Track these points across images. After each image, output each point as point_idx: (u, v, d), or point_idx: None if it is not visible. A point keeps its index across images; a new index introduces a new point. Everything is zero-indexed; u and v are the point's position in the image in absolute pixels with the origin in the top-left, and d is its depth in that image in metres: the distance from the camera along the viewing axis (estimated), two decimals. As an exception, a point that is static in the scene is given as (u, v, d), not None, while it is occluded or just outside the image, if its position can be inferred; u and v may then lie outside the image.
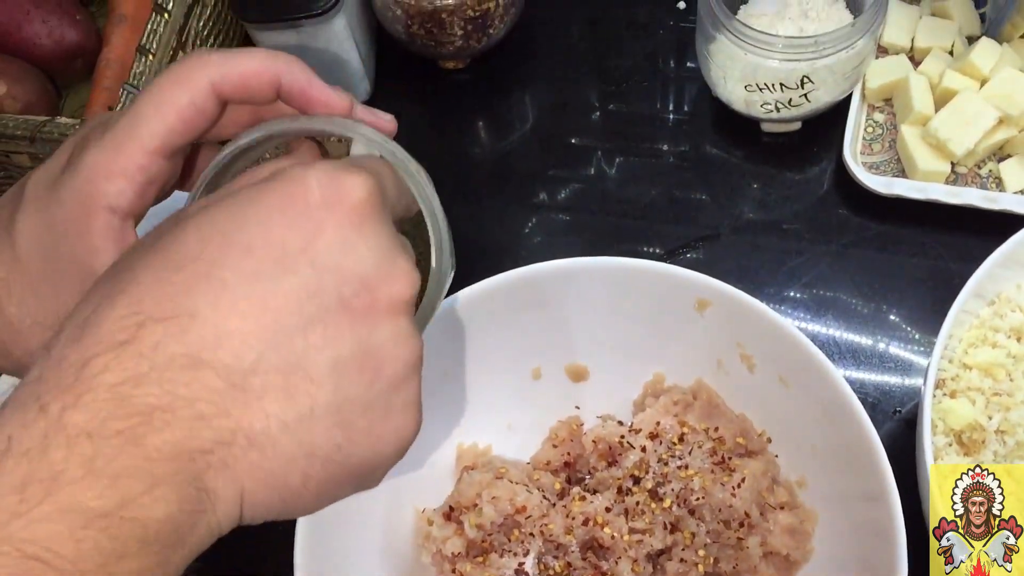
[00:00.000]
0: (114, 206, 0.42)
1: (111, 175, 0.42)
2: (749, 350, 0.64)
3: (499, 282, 0.65)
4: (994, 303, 0.64)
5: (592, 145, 0.89)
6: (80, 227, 0.42)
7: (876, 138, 0.80)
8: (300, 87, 0.44)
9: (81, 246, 0.42)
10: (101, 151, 0.42)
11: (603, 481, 0.64)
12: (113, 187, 0.42)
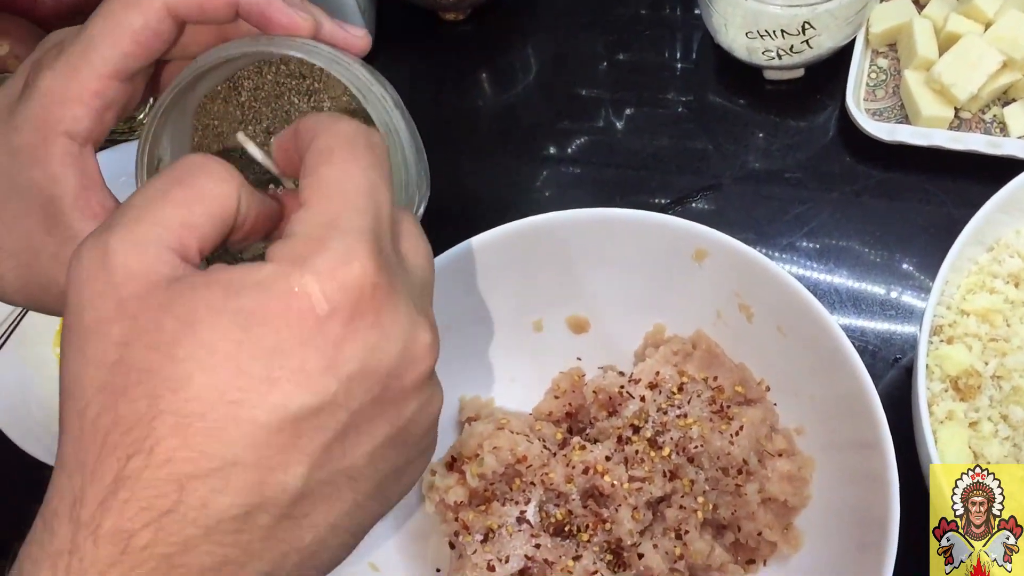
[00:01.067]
0: (71, 132, 0.42)
1: (66, 101, 0.42)
2: (747, 300, 0.64)
3: (499, 235, 0.65)
4: (993, 249, 0.64)
5: (598, 96, 0.89)
6: (38, 154, 0.42)
7: (880, 84, 0.80)
8: (259, 7, 0.43)
9: (40, 173, 0.42)
10: (55, 76, 0.42)
11: (603, 431, 0.65)
12: (69, 113, 0.42)
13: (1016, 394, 0.57)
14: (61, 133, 0.42)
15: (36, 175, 0.42)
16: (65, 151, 0.42)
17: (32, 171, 0.42)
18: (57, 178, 0.42)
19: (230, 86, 0.48)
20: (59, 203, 0.43)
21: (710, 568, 0.62)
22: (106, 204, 0.44)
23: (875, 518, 0.55)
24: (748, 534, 0.62)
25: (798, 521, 0.63)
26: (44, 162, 0.42)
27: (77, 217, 0.43)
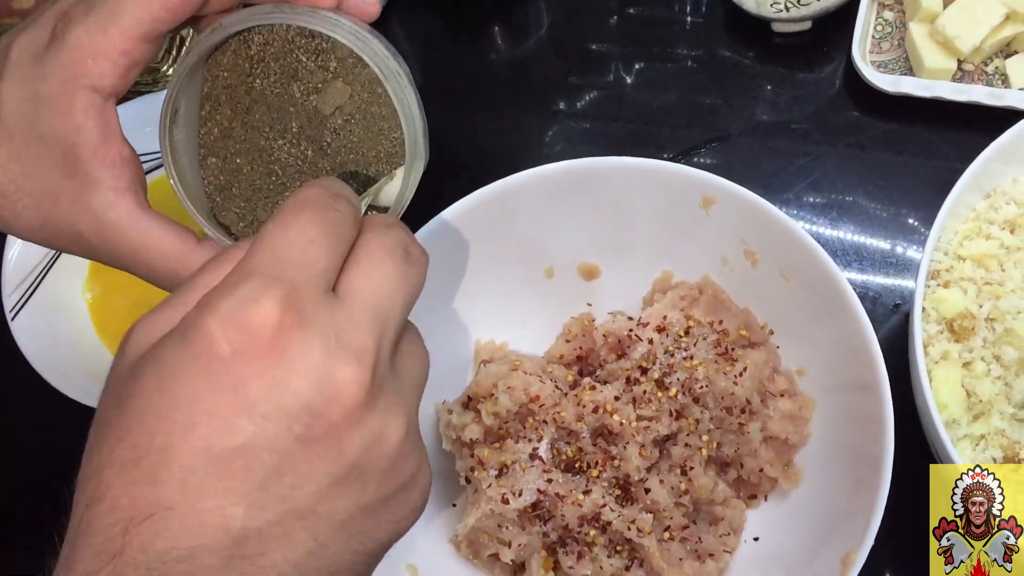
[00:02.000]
0: (97, 86, 0.45)
1: (95, 56, 0.44)
2: (752, 246, 0.67)
3: (511, 184, 0.67)
4: (990, 196, 0.66)
5: (608, 50, 0.90)
6: (63, 104, 0.44)
7: (885, 36, 0.81)
8: None
9: (64, 122, 0.45)
10: (86, 31, 0.44)
11: (613, 372, 0.67)
12: (97, 68, 0.44)
13: (1009, 335, 0.60)
14: (87, 86, 0.44)
15: (59, 124, 0.45)
16: (89, 103, 0.45)
17: (55, 120, 0.45)
18: (80, 128, 0.45)
19: (240, 39, 0.50)
20: (80, 151, 0.45)
21: (713, 503, 0.65)
22: (124, 154, 0.47)
23: (871, 455, 0.58)
24: (750, 470, 0.65)
25: (798, 458, 0.66)
26: (68, 112, 0.45)
27: (96, 165, 0.46)
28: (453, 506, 0.69)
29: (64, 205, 0.46)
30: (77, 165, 0.45)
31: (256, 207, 0.52)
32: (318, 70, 0.49)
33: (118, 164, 0.46)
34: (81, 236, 0.47)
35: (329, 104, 0.50)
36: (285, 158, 0.51)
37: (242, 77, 0.50)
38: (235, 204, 0.52)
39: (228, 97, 0.50)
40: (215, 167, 0.52)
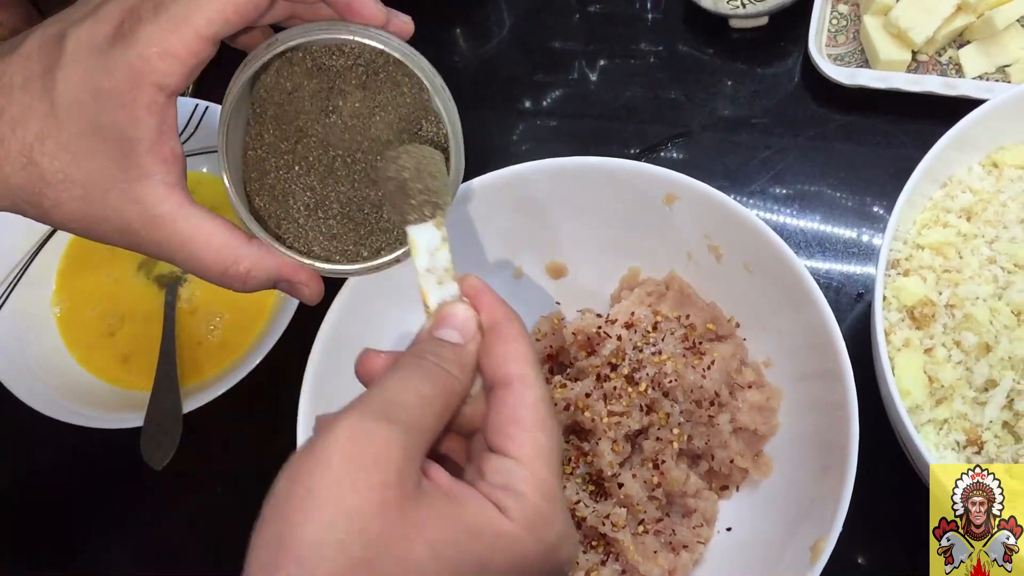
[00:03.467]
0: (163, 84, 0.46)
1: (166, 55, 0.45)
2: (716, 241, 0.68)
3: (476, 186, 0.68)
4: (946, 185, 0.67)
5: (572, 48, 0.91)
6: (126, 98, 0.45)
7: (841, 30, 0.82)
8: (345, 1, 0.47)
9: (124, 116, 0.46)
10: (158, 29, 0.45)
11: (583, 369, 0.68)
12: (165, 66, 0.45)
13: (968, 321, 0.61)
14: (152, 83, 0.45)
15: (119, 116, 0.46)
16: (152, 99, 0.46)
17: (116, 112, 0.46)
18: (140, 123, 0.46)
19: (284, 59, 0.51)
20: (136, 145, 0.46)
21: (686, 495, 0.65)
22: (176, 150, 0.48)
23: (837, 443, 0.59)
24: (721, 462, 0.66)
25: (767, 448, 0.67)
26: (130, 106, 0.45)
27: (151, 160, 0.47)
28: (429, 507, 0.69)
29: (113, 196, 0.47)
30: (131, 158, 0.46)
31: (289, 205, 0.53)
32: (352, 80, 0.51)
33: (170, 160, 0.47)
34: (128, 227, 0.48)
35: (375, 127, 0.51)
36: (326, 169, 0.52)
37: (284, 95, 0.51)
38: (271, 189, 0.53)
39: (274, 114, 0.51)
40: (254, 161, 0.53)
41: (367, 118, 0.51)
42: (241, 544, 0.77)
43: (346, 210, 0.53)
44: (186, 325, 0.78)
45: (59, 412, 0.72)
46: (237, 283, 0.50)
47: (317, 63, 0.51)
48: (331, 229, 0.53)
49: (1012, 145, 0.68)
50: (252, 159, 0.52)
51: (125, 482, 0.77)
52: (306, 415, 0.62)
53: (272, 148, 0.52)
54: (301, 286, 0.53)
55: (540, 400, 0.41)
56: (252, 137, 0.52)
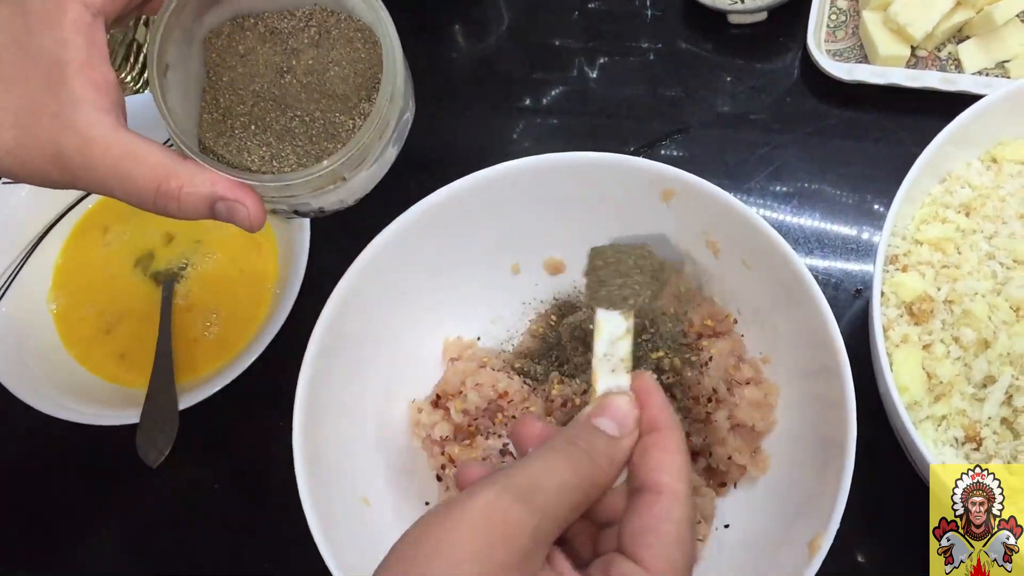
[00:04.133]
0: (87, 1, 0.45)
1: None
2: (714, 236, 0.67)
3: (475, 181, 0.67)
4: (945, 180, 0.67)
5: (571, 46, 0.91)
6: (52, 18, 0.45)
7: (840, 25, 0.82)
8: None
9: (51, 37, 0.45)
10: None
11: (579, 366, 0.68)
12: None
13: (966, 317, 0.61)
14: (77, 1, 0.45)
15: (46, 38, 0.45)
16: (78, 17, 0.45)
17: (43, 34, 0.45)
18: (67, 42, 0.45)
19: (234, 24, 0.52)
20: (65, 67, 0.45)
21: (684, 492, 0.65)
22: (108, 77, 0.47)
23: (835, 440, 0.58)
24: (719, 459, 0.66)
25: (765, 445, 0.66)
26: (56, 26, 0.45)
27: (81, 83, 0.46)
28: (426, 504, 0.69)
29: (45, 122, 0.46)
30: (62, 82, 0.45)
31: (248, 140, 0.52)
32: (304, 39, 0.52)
33: (102, 86, 0.46)
34: (61, 154, 0.46)
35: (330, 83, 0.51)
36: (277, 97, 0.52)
37: (237, 59, 0.51)
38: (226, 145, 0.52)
39: (229, 80, 0.52)
40: (210, 124, 0.52)
41: (321, 74, 0.51)
42: (238, 542, 0.77)
43: (303, 161, 0.51)
44: (182, 322, 0.78)
45: (55, 409, 0.72)
46: (172, 203, 0.48)
47: (269, 27, 0.51)
48: (282, 171, 0.51)
49: (1011, 140, 0.67)
50: (207, 122, 0.52)
51: (121, 479, 0.76)
52: (302, 413, 0.62)
53: (228, 111, 0.52)
54: (239, 206, 0.49)
55: (685, 519, 0.41)
56: (207, 102, 0.52)
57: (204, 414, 0.72)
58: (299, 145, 0.52)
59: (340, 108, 0.52)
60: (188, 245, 0.81)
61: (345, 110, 0.52)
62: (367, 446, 0.68)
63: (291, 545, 0.61)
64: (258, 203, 0.50)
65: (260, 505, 0.75)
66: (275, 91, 0.51)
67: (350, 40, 0.52)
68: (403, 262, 0.68)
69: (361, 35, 0.52)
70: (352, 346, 0.67)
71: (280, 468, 0.61)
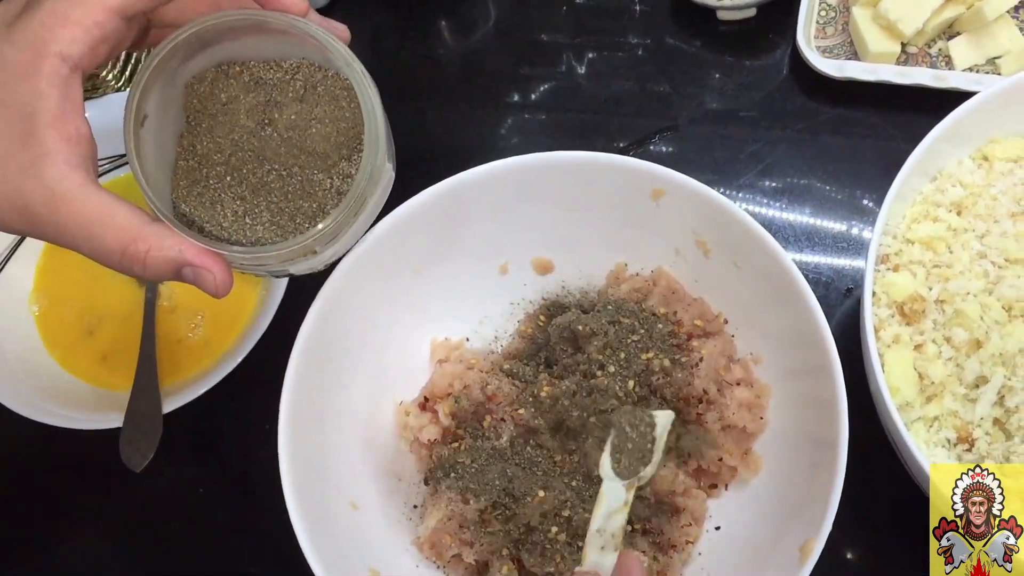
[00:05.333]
0: (64, 54, 0.44)
1: (67, 22, 0.44)
2: (704, 236, 0.67)
3: (462, 180, 0.67)
4: (936, 179, 0.66)
5: (559, 41, 0.90)
6: (29, 69, 0.44)
7: (829, 21, 0.81)
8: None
9: (27, 87, 0.44)
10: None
11: (569, 366, 0.67)
12: (67, 34, 0.44)
13: (958, 317, 0.60)
14: (55, 53, 0.44)
15: (22, 88, 0.44)
16: (54, 70, 0.44)
17: (18, 85, 0.44)
18: (42, 94, 0.44)
19: (218, 70, 0.51)
20: (38, 119, 0.45)
21: (675, 494, 0.65)
22: (81, 130, 0.46)
23: (826, 440, 0.58)
24: (710, 460, 0.65)
25: (756, 446, 0.66)
26: (33, 77, 0.44)
27: (52, 136, 0.45)
28: (414, 507, 0.69)
29: (12, 172, 0.45)
30: (33, 134, 0.45)
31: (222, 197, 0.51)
32: (289, 92, 0.50)
33: (74, 139, 0.45)
34: (27, 207, 0.46)
35: (311, 140, 0.51)
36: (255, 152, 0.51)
37: (218, 106, 0.50)
38: (199, 196, 0.52)
39: (208, 126, 0.51)
40: (185, 171, 0.51)
41: (303, 130, 0.50)
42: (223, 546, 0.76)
43: (276, 219, 0.51)
44: (166, 323, 0.77)
45: (37, 412, 0.71)
46: (137, 265, 0.47)
47: (254, 77, 0.50)
48: (256, 234, 0.51)
49: (1003, 138, 0.67)
50: (183, 168, 0.51)
51: (105, 484, 0.75)
52: (287, 415, 0.61)
53: (204, 159, 0.51)
54: (205, 272, 0.49)
55: None
56: (184, 148, 0.51)
57: (189, 417, 0.71)
58: (273, 201, 0.51)
59: (319, 166, 0.51)
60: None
61: (324, 168, 0.51)
62: (354, 449, 0.67)
63: (277, 549, 0.61)
64: (225, 270, 0.49)
65: (246, 509, 0.74)
66: (254, 143, 0.50)
67: (335, 98, 0.51)
68: (390, 262, 0.67)
69: (347, 93, 0.51)
70: (338, 348, 0.66)
71: (266, 471, 0.60)
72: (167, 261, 0.48)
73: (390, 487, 0.68)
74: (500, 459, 0.64)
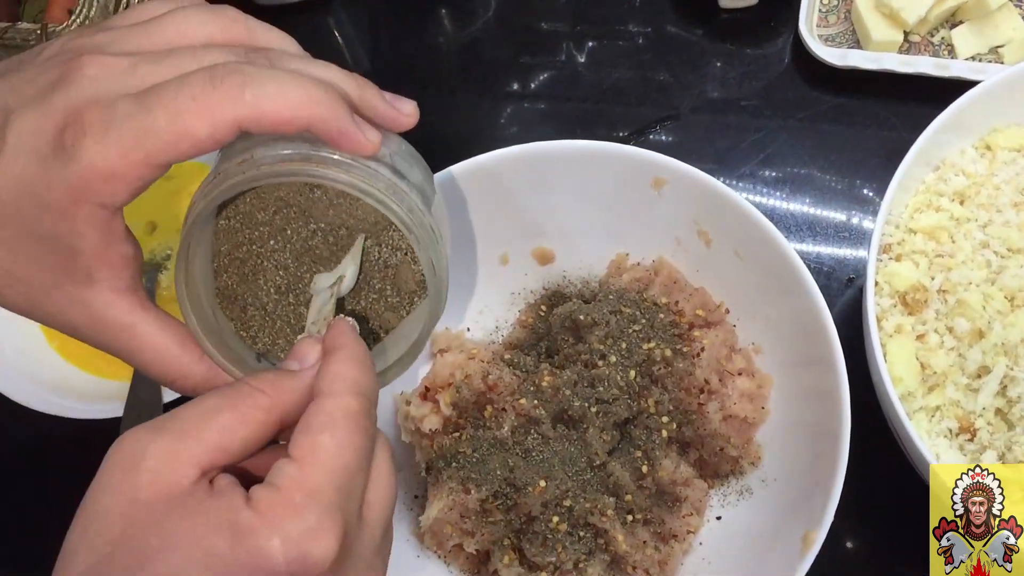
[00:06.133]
0: (107, 204, 0.42)
1: (110, 179, 0.41)
2: (705, 226, 0.66)
3: (461, 170, 0.66)
4: (939, 168, 0.66)
5: (558, 30, 0.90)
6: (68, 213, 0.42)
7: (832, 10, 0.81)
8: (330, 137, 0.43)
9: (66, 227, 0.42)
10: (103, 151, 0.41)
11: (570, 356, 0.67)
12: (109, 188, 0.42)
13: (960, 307, 0.60)
14: (96, 203, 0.42)
15: (60, 228, 0.42)
16: (94, 215, 0.42)
17: (57, 224, 0.42)
18: (82, 235, 0.43)
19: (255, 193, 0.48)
20: (80, 255, 0.43)
21: (675, 484, 0.65)
22: (125, 254, 0.45)
23: (828, 430, 0.58)
24: (711, 450, 0.65)
25: (758, 436, 0.66)
26: (72, 221, 0.42)
27: (96, 266, 0.44)
28: (416, 497, 0.68)
29: (56, 297, 0.44)
30: (76, 264, 0.43)
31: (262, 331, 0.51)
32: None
33: (119, 264, 0.44)
34: (75, 328, 0.45)
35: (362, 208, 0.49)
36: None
37: (257, 231, 0.49)
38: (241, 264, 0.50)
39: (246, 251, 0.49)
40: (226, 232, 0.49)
41: (354, 200, 0.48)
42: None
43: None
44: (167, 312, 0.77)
45: (36, 402, 0.71)
46: (185, 393, 0.48)
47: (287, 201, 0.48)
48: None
49: (1005, 127, 0.67)
50: (224, 228, 0.49)
51: (105, 473, 0.75)
52: (288, 405, 0.61)
53: (247, 218, 0.48)
54: None
55: (339, 409, 0.41)
56: (226, 204, 0.48)
57: (189, 407, 0.70)
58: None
59: (367, 231, 0.49)
60: (171, 235, 0.79)
61: (373, 234, 0.49)
62: (355, 439, 0.67)
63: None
64: None
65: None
66: (301, 200, 0.48)
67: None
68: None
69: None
70: (339, 338, 0.65)
71: (266, 463, 0.60)
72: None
73: (391, 477, 0.67)
74: (501, 449, 0.64)
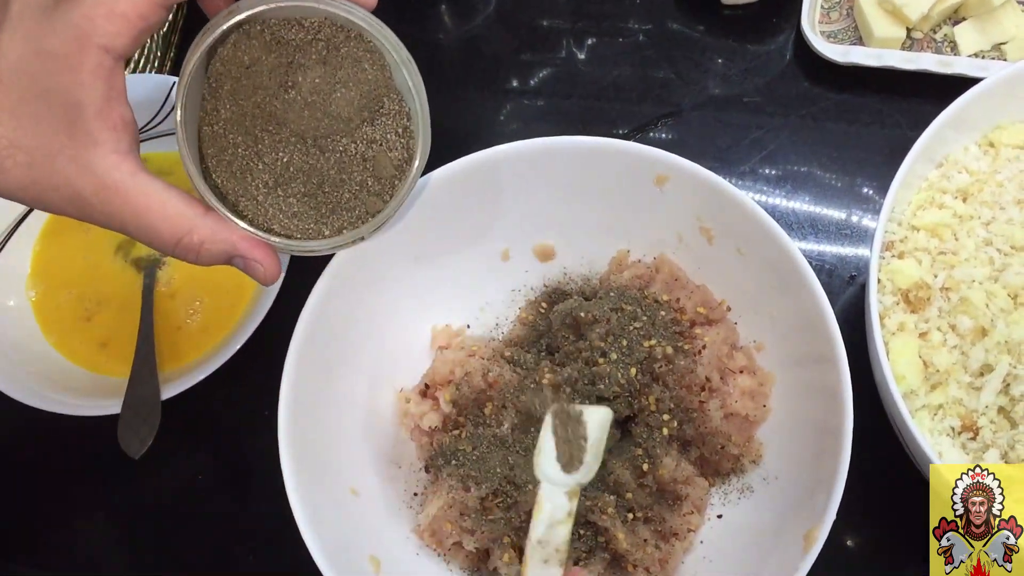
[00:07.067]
0: (109, 46, 0.44)
1: (113, 16, 0.43)
2: (707, 223, 0.66)
3: (463, 166, 0.66)
4: (942, 165, 0.66)
5: (559, 26, 0.89)
6: (72, 60, 0.44)
7: (834, 6, 0.81)
8: None
9: (70, 79, 0.44)
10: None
11: (571, 354, 0.66)
12: (112, 27, 0.43)
13: (963, 305, 0.60)
14: (99, 45, 0.44)
15: (65, 81, 0.44)
16: (99, 63, 0.44)
17: (61, 76, 0.44)
18: (86, 86, 0.44)
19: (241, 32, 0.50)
20: (83, 110, 0.45)
21: (676, 482, 0.64)
22: (125, 116, 0.46)
23: (830, 428, 0.58)
24: (712, 448, 0.65)
25: (759, 434, 0.66)
26: (76, 69, 0.44)
27: (99, 126, 0.45)
28: (415, 495, 0.68)
29: (61, 164, 0.45)
30: (79, 124, 0.45)
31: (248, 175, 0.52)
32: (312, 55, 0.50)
33: (120, 127, 0.46)
34: (78, 196, 0.46)
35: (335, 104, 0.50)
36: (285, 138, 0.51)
37: (241, 69, 0.50)
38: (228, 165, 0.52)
39: (231, 89, 0.50)
40: (211, 138, 0.51)
41: (327, 94, 0.50)
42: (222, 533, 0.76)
43: (307, 188, 0.51)
44: (165, 309, 0.76)
45: (35, 399, 0.71)
46: (191, 255, 0.49)
47: (276, 36, 0.49)
48: (291, 207, 0.52)
49: (1008, 124, 0.66)
50: (208, 135, 0.51)
51: (103, 470, 0.75)
52: (288, 402, 0.60)
53: (229, 124, 0.50)
54: (256, 264, 0.51)
55: None
56: (208, 112, 0.50)
57: (188, 403, 0.70)
58: (303, 169, 0.51)
59: (342, 130, 0.51)
60: (170, 231, 0.79)
61: (347, 132, 0.51)
62: (354, 436, 0.67)
63: (277, 536, 0.60)
64: (274, 260, 0.52)
65: (245, 496, 0.74)
66: (278, 105, 0.50)
67: (358, 60, 0.50)
68: (390, 249, 0.66)
69: (369, 56, 0.50)
70: (339, 334, 0.65)
71: (266, 458, 0.60)
72: (220, 252, 0.50)
73: (390, 474, 0.67)
74: (501, 446, 0.64)
